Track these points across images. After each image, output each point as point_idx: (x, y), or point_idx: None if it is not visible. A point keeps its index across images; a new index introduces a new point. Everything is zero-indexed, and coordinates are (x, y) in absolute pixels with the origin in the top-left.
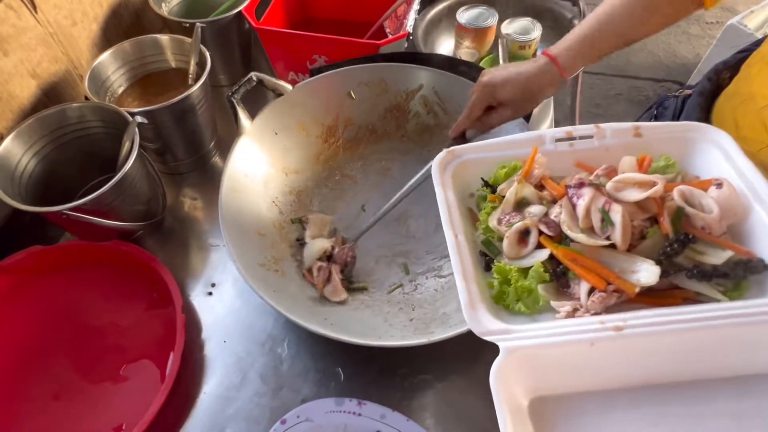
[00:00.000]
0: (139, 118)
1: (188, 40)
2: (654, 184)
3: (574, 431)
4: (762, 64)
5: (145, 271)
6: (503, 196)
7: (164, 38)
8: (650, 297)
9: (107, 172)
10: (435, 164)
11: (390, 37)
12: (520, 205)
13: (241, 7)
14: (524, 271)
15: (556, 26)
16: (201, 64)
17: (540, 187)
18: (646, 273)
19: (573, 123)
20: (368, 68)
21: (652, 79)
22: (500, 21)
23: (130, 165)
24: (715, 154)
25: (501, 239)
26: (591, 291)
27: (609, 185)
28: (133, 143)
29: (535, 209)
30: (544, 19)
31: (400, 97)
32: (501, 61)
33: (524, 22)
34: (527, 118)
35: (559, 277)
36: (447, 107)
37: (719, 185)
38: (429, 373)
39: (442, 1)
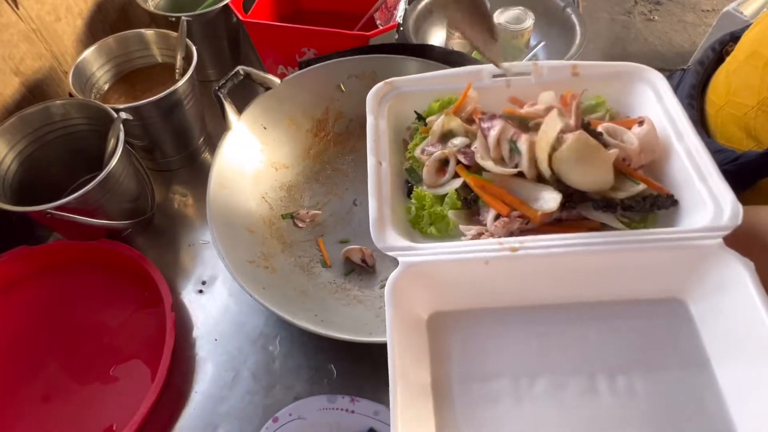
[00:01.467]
0: (124, 114)
1: (174, 34)
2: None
3: (470, 344)
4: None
5: (135, 269)
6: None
7: (149, 33)
8: (557, 226)
9: (95, 171)
10: (370, 94)
11: (380, 28)
12: (446, 137)
13: (227, 0)
14: (440, 198)
15: (548, 15)
16: (188, 59)
17: (471, 121)
18: (549, 200)
19: None
20: (358, 60)
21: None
22: (492, 11)
23: (115, 162)
24: (648, 95)
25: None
26: (497, 217)
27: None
28: (118, 140)
29: (458, 141)
30: (536, 9)
31: None
32: None
33: (516, 11)
34: None
35: (470, 204)
36: None
37: (641, 123)
38: None
39: None
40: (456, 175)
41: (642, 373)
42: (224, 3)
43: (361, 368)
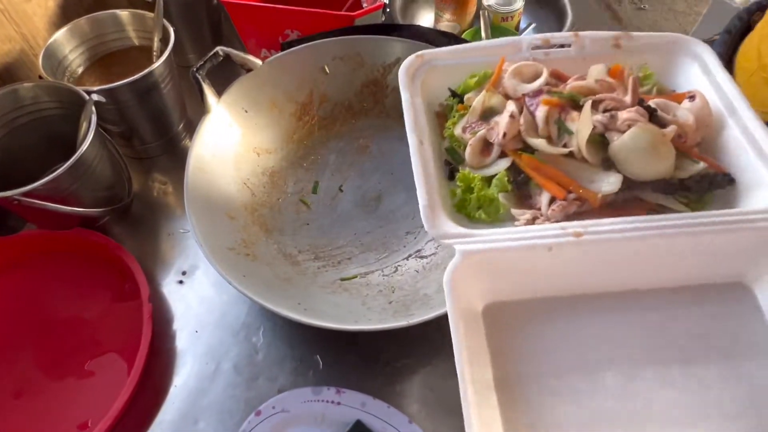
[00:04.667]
0: (95, 96)
1: (151, 15)
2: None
3: (528, 336)
4: None
5: (111, 259)
6: (470, 106)
7: (124, 13)
8: (614, 209)
9: (69, 157)
10: (402, 69)
11: (365, 8)
12: (487, 114)
13: None
14: (487, 180)
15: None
16: (164, 41)
17: (509, 97)
18: (609, 182)
19: None
20: (342, 41)
21: None
22: None
23: (86, 146)
24: (695, 68)
25: (465, 148)
26: (552, 200)
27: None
28: (90, 123)
29: (501, 118)
30: None
31: (377, 72)
32: (483, 34)
33: None
34: None
35: (520, 186)
36: None
37: (692, 98)
38: (411, 358)
39: None
40: (502, 155)
41: (715, 362)
42: None
43: (347, 358)
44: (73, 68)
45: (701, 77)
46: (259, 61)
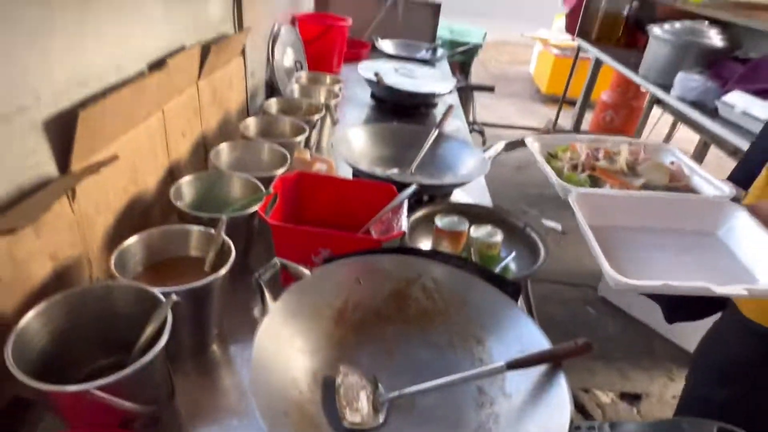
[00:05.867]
0: (175, 297)
1: (204, 229)
2: None
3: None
4: None
5: None
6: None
7: (195, 229)
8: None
9: (111, 351)
10: (530, 146)
11: (391, 234)
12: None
13: (257, 207)
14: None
15: (512, 232)
16: (222, 254)
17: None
18: (638, 181)
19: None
20: (373, 258)
21: (569, 283)
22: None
23: (162, 345)
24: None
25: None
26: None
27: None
28: (166, 323)
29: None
30: (502, 227)
31: (401, 284)
32: (473, 258)
33: (488, 227)
34: None
35: (594, 182)
36: (444, 294)
37: (672, 163)
38: None
39: (420, 210)
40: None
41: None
42: (254, 209)
43: None
44: (132, 270)
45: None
46: (307, 272)
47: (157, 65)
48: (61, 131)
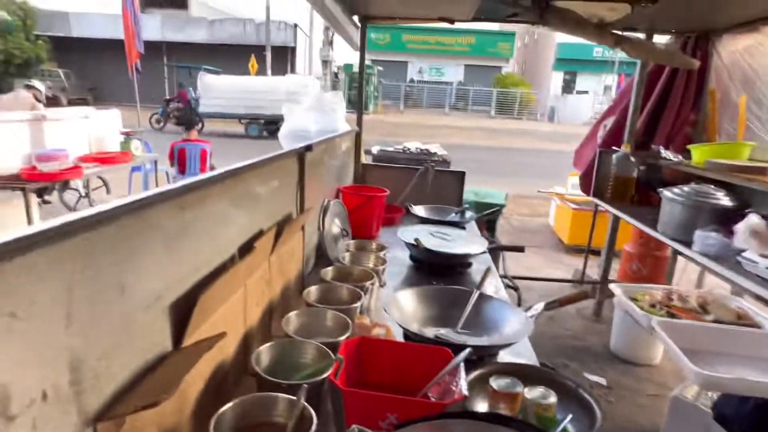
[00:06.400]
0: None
1: (293, 398)
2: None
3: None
4: None
5: None
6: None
7: (277, 396)
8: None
9: None
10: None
11: (453, 398)
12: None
13: (327, 374)
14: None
15: (565, 393)
16: (302, 420)
17: None
18: (708, 317)
19: None
20: (442, 423)
21: None
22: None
23: None
24: None
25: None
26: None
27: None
28: None
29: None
30: (553, 386)
31: None
32: (530, 420)
33: (541, 389)
34: None
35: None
36: None
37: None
38: None
39: (474, 371)
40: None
41: None
42: (325, 375)
43: None
44: None
45: None
46: None
47: (246, 248)
48: (180, 311)
